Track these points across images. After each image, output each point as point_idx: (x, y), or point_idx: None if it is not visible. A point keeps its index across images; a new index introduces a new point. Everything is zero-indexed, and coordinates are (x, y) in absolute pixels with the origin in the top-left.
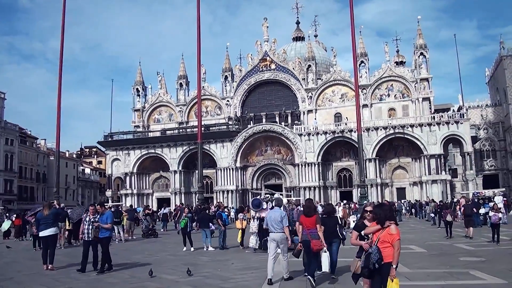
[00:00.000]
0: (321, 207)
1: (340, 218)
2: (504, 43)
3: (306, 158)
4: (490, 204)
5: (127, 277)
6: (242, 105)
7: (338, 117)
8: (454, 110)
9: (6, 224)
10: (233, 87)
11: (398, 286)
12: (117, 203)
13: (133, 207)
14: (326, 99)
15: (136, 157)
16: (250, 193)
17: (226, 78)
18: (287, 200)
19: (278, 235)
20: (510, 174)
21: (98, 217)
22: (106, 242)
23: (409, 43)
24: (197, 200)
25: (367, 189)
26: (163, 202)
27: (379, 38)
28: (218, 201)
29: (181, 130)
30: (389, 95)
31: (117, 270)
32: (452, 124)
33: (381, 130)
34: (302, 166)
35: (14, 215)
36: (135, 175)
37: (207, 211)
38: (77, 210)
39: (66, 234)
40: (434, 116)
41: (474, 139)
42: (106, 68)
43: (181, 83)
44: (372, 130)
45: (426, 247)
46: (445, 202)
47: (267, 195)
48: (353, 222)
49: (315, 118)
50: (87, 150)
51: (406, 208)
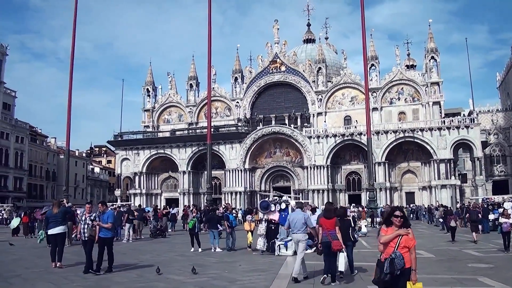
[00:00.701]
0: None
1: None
2: None
3: (315, 161)
4: (500, 210)
5: (135, 276)
6: (252, 106)
7: (347, 120)
8: (464, 115)
9: (15, 221)
10: (243, 89)
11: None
12: (127, 203)
13: (141, 207)
14: (336, 102)
15: (145, 157)
16: (258, 195)
17: (236, 79)
18: (295, 202)
19: (301, 235)
20: None
21: (94, 215)
22: (109, 242)
23: (420, 46)
24: (205, 201)
25: (376, 193)
26: (172, 203)
27: (390, 41)
28: (226, 202)
29: (190, 131)
30: (399, 99)
31: (125, 269)
32: (462, 128)
33: (391, 133)
34: (311, 168)
35: (23, 213)
36: (144, 175)
37: (215, 212)
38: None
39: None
40: (444, 120)
41: (484, 144)
42: (116, 67)
43: (191, 84)
44: (381, 134)
45: (434, 252)
46: (449, 207)
47: (275, 197)
48: (364, 226)
49: (325, 121)
50: (97, 149)
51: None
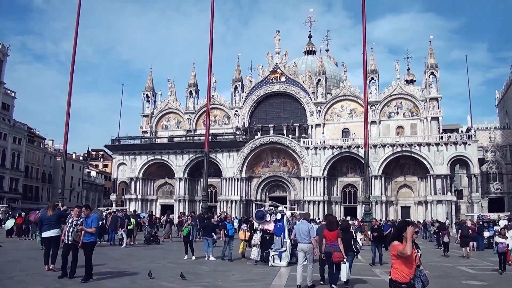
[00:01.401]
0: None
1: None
2: None
3: (312, 172)
4: (495, 228)
5: (128, 282)
6: (251, 115)
7: (346, 132)
8: (462, 131)
9: (10, 222)
10: (242, 98)
11: None
12: (122, 208)
13: (136, 212)
14: (334, 114)
15: (142, 162)
16: (254, 204)
17: (236, 88)
18: (291, 213)
19: (306, 246)
20: None
21: (81, 220)
22: (90, 248)
23: (420, 62)
24: (201, 208)
25: (372, 206)
26: (167, 209)
27: (391, 55)
28: (223, 210)
29: (188, 138)
30: (398, 113)
31: (118, 275)
32: (460, 145)
33: (388, 147)
34: (307, 179)
35: (17, 214)
36: (140, 181)
37: (210, 220)
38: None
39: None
40: (442, 136)
41: (481, 161)
42: (117, 71)
43: (191, 91)
44: (379, 147)
45: (428, 268)
46: (442, 223)
47: (271, 207)
48: (359, 240)
49: (323, 132)
50: (94, 153)
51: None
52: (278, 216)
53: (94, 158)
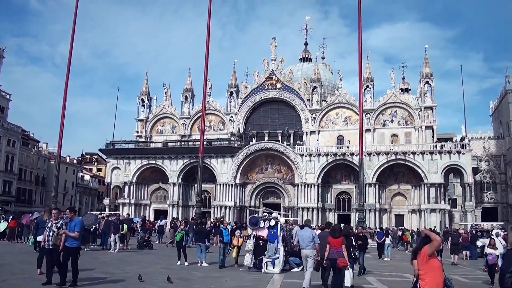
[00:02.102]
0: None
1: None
2: (509, 77)
3: (306, 179)
4: (485, 240)
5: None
6: (246, 121)
7: (340, 139)
8: (456, 140)
9: (2, 225)
10: (237, 103)
11: None
12: (115, 212)
13: (129, 217)
14: (329, 121)
15: (136, 167)
16: (248, 210)
17: (231, 94)
18: (285, 220)
19: (310, 251)
20: (509, 208)
21: (61, 222)
22: (74, 253)
23: (415, 71)
24: (194, 214)
25: (366, 213)
26: (160, 214)
27: (386, 64)
28: (219, 216)
29: (183, 143)
30: (392, 121)
31: (111, 281)
32: (454, 154)
33: (382, 155)
34: (301, 186)
35: (11, 217)
36: (134, 185)
37: (204, 226)
38: (88, 217)
39: None
40: (436, 144)
41: (475, 171)
42: (113, 75)
43: (186, 96)
44: (373, 155)
45: None
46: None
47: (265, 214)
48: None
49: (318, 140)
50: (88, 156)
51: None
52: (272, 222)
53: (88, 161)
